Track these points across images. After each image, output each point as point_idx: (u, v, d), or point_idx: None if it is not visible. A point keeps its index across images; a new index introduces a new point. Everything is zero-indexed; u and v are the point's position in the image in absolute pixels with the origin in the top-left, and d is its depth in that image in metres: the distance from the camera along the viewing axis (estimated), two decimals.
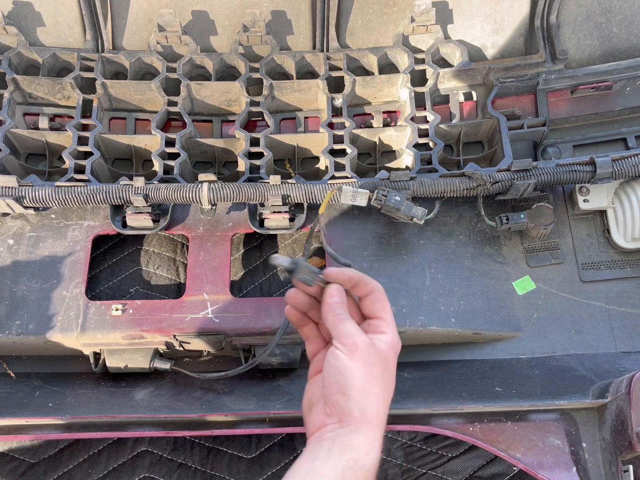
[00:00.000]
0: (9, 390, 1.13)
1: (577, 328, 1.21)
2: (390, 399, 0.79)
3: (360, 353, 0.76)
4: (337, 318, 0.79)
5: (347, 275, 0.82)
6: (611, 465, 0.97)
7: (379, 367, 0.77)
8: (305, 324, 0.85)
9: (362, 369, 0.75)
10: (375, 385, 0.76)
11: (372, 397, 0.75)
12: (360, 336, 0.77)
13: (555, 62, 1.36)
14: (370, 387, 0.75)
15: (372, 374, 0.76)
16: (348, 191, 1.15)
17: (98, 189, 1.17)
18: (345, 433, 0.72)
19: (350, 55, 1.40)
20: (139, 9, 1.38)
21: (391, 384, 0.79)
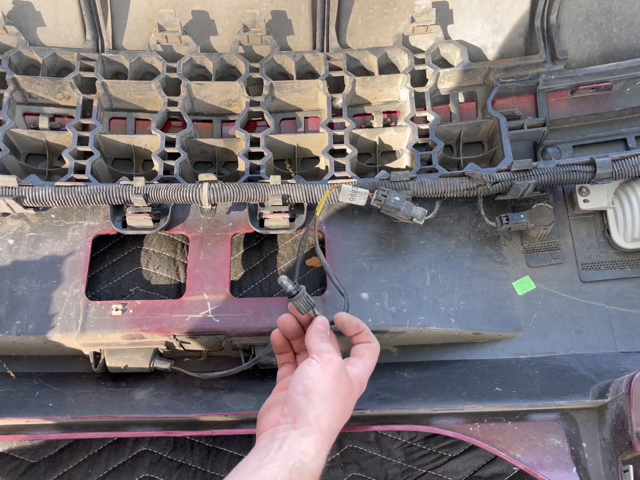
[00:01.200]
0: (9, 390, 1.13)
1: (577, 328, 1.21)
2: (344, 422, 0.82)
3: (332, 368, 0.81)
4: (319, 337, 0.87)
5: (356, 322, 0.91)
6: (611, 465, 0.97)
7: (345, 387, 0.82)
8: (286, 351, 0.94)
9: (331, 382, 0.80)
10: (337, 401, 0.80)
11: (331, 410, 0.79)
12: (336, 355, 0.84)
13: (555, 63, 1.36)
14: (333, 400, 0.79)
15: (338, 391, 0.81)
16: (347, 190, 1.15)
17: (98, 189, 1.17)
18: (297, 435, 0.75)
19: (350, 56, 1.40)
20: (139, 9, 1.38)
21: (349, 410, 0.84)
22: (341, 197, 1.16)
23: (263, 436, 0.78)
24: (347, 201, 1.17)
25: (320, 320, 0.91)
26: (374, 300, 1.18)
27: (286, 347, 0.95)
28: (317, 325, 0.90)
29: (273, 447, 0.74)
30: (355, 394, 0.86)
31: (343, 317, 0.92)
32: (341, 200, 1.17)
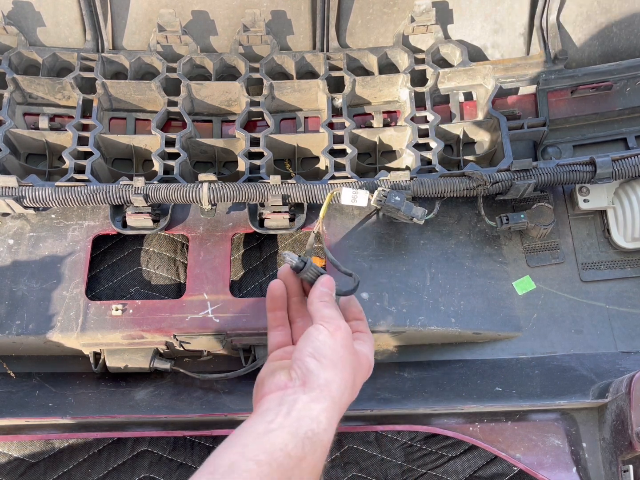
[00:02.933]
0: (9, 390, 1.13)
1: (577, 328, 1.21)
2: (352, 399, 0.74)
3: (341, 335, 0.73)
4: (324, 303, 0.77)
5: (360, 308, 0.83)
6: (611, 465, 0.97)
7: (354, 359, 0.74)
8: (281, 308, 0.84)
9: (341, 349, 0.72)
10: (347, 371, 0.72)
11: (342, 378, 0.71)
12: (343, 322, 0.75)
13: (555, 62, 1.36)
14: (344, 368, 0.71)
15: (347, 359, 0.73)
16: (348, 193, 1.15)
17: (98, 189, 1.17)
18: (307, 400, 0.67)
19: (350, 55, 1.40)
20: (139, 9, 1.38)
21: (357, 387, 0.76)
22: (343, 200, 1.16)
23: (267, 399, 0.69)
24: (348, 204, 1.17)
25: (324, 280, 0.80)
26: (374, 300, 1.18)
27: (283, 303, 0.84)
28: (320, 287, 0.79)
29: (281, 411, 0.66)
30: (364, 372, 0.77)
31: (352, 298, 0.84)
32: (343, 203, 1.17)
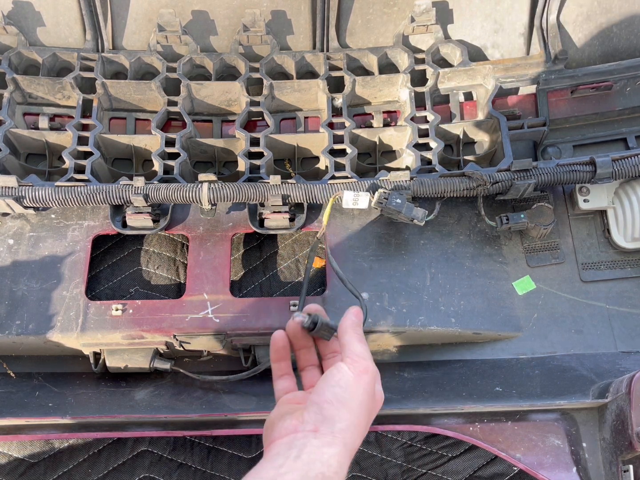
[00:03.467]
0: (9, 390, 1.13)
1: (577, 328, 1.21)
2: (362, 440, 0.72)
3: (366, 379, 0.71)
4: (357, 336, 0.74)
5: (360, 332, 0.76)
6: (611, 465, 0.97)
7: (373, 402, 0.73)
8: (285, 358, 0.80)
9: (362, 394, 0.70)
10: (364, 416, 0.71)
11: (358, 424, 0.69)
12: (372, 364, 0.73)
13: (555, 62, 1.36)
14: (361, 414, 0.70)
15: (366, 405, 0.71)
16: (349, 196, 1.15)
17: (98, 189, 1.17)
18: (318, 445, 0.65)
19: (350, 55, 1.40)
20: (139, 9, 1.38)
21: (369, 426, 0.74)
22: (344, 204, 1.16)
23: (277, 443, 0.67)
24: (350, 207, 1.17)
25: (355, 311, 0.77)
26: (374, 300, 1.18)
27: (287, 353, 0.80)
28: (352, 316, 0.76)
29: (290, 455, 0.64)
30: (377, 410, 0.76)
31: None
32: (344, 207, 1.17)
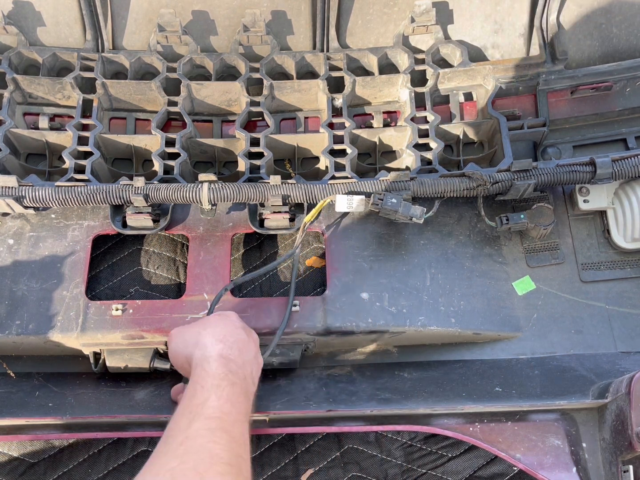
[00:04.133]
0: (9, 390, 1.13)
1: (577, 328, 1.21)
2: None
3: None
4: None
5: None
6: (611, 466, 0.97)
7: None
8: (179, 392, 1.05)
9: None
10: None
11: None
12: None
13: (555, 63, 1.36)
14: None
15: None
16: (342, 200, 1.15)
17: (98, 189, 1.17)
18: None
19: (350, 56, 1.40)
20: (139, 8, 1.38)
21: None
22: (338, 207, 1.16)
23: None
24: (345, 210, 1.17)
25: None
26: (374, 300, 1.18)
27: (179, 391, 1.07)
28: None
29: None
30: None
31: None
32: (339, 211, 1.17)
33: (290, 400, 1.08)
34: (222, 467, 0.73)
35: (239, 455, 0.77)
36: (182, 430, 0.78)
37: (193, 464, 0.72)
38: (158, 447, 0.76)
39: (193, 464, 0.72)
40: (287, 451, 1.18)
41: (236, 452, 0.77)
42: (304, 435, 1.18)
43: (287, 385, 1.16)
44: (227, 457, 0.74)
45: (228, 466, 0.74)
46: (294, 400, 1.07)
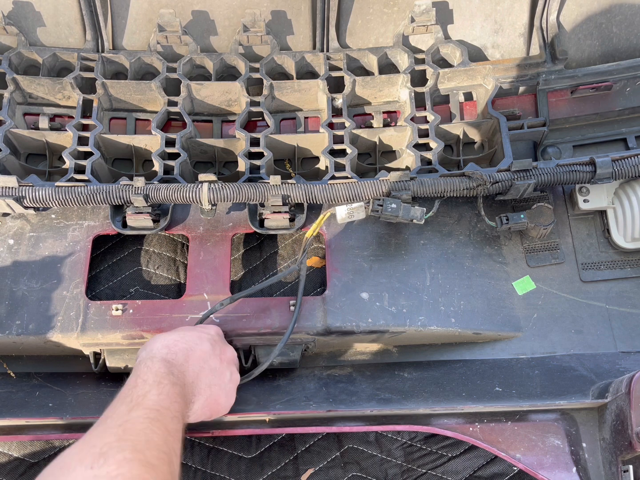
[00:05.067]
0: (9, 390, 1.13)
1: (577, 328, 1.21)
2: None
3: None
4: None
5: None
6: (611, 465, 0.97)
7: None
8: None
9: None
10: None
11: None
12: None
13: (555, 63, 1.36)
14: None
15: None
16: (342, 211, 1.15)
17: (98, 189, 1.17)
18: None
19: (350, 55, 1.40)
20: (139, 9, 1.38)
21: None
22: (339, 220, 1.16)
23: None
24: (346, 221, 1.17)
25: None
26: (374, 300, 1.18)
27: None
28: None
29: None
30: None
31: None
32: (341, 222, 1.17)
33: (290, 400, 1.08)
34: (158, 453, 0.75)
35: (172, 449, 0.79)
36: (122, 415, 0.80)
37: (131, 443, 0.73)
38: (93, 428, 0.79)
39: (131, 443, 0.73)
40: (287, 451, 1.18)
41: (171, 445, 0.79)
42: (304, 435, 1.18)
43: (287, 385, 1.16)
44: (163, 447, 0.77)
45: (163, 454, 0.76)
46: (294, 400, 1.07)
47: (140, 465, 0.72)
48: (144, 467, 0.72)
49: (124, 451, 0.72)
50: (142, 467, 0.72)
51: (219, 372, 0.99)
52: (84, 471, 0.69)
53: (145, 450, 0.74)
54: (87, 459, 0.71)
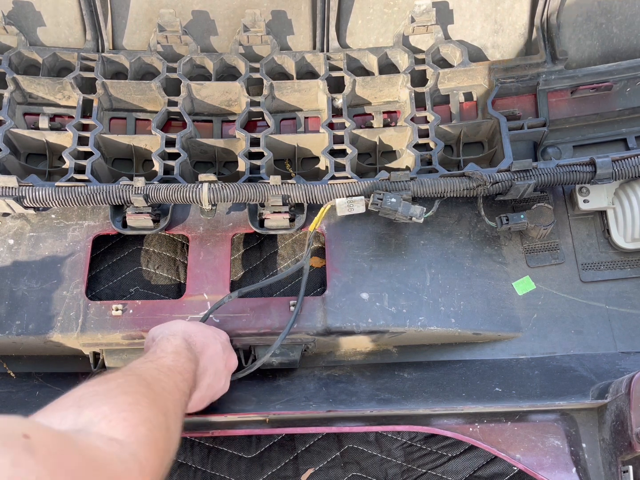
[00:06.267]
0: (9, 390, 1.13)
1: (577, 328, 1.21)
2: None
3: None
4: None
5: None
6: (611, 466, 0.97)
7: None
8: None
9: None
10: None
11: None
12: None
13: (555, 63, 1.36)
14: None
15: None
16: (342, 203, 1.15)
17: (98, 189, 1.17)
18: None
19: (350, 56, 1.40)
20: (139, 8, 1.38)
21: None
22: (339, 212, 1.16)
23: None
24: (346, 213, 1.17)
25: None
26: (374, 301, 1.18)
27: None
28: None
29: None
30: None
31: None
32: (340, 214, 1.17)
33: (290, 401, 1.08)
34: (163, 388, 0.79)
35: (177, 399, 0.81)
36: (133, 365, 0.84)
37: (137, 377, 0.78)
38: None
39: (137, 377, 0.78)
40: (287, 451, 1.18)
41: (176, 396, 0.82)
42: (304, 435, 1.18)
43: (287, 385, 1.16)
44: (170, 389, 0.80)
45: (168, 393, 0.79)
46: (294, 401, 1.07)
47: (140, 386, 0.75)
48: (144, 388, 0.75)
49: (126, 375, 0.77)
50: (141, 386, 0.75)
51: (219, 376, 1.02)
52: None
53: (151, 384, 0.77)
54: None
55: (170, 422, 0.74)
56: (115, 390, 0.71)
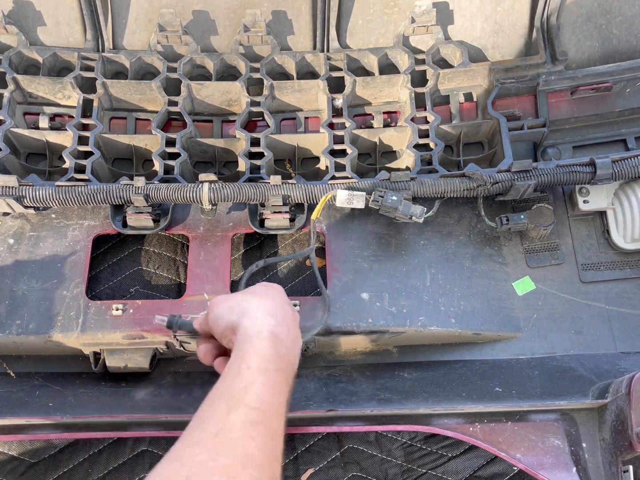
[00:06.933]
0: (9, 390, 1.13)
1: (577, 328, 1.22)
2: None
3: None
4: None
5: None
6: (611, 466, 0.97)
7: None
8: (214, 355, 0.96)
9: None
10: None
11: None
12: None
13: (555, 63, 1.36)
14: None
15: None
16: (343, 195, 1.15)
17: (98, 189, 1.17)
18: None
19: (350, 56, 1.40)
20: (139, 8, 1.38)
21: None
22: (338, 202, 1.16)
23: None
24: (345, 206, 1.17)
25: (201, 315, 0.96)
26: (374, 301, 1.18)
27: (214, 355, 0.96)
28: (200, 315, 0.96)
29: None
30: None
31: (197, 323, 0.96)
32: (339, 206, 1.17)
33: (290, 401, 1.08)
34: (254, 471, 0.68)
35: (273, 457, 0.71)
36: (220, 418, 0.71)
37: (224, 462, 0.66)
38: (191, 430, 0.71)
39: (224, 462, 0.66)
40: (287, 451, 1.18)
41: (271, 453, 0.71)
42: (304, 435, 1.18)
43: None
44: (261, 459, 0.69)
45: (261, 470, 0.69)
46: (294, 400, 1.07)
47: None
48: None
49: (213, 475, 0.65)
50: None
51: (299, 341, 0.92)
52: None
53: (240, 472, 0.67)
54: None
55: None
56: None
